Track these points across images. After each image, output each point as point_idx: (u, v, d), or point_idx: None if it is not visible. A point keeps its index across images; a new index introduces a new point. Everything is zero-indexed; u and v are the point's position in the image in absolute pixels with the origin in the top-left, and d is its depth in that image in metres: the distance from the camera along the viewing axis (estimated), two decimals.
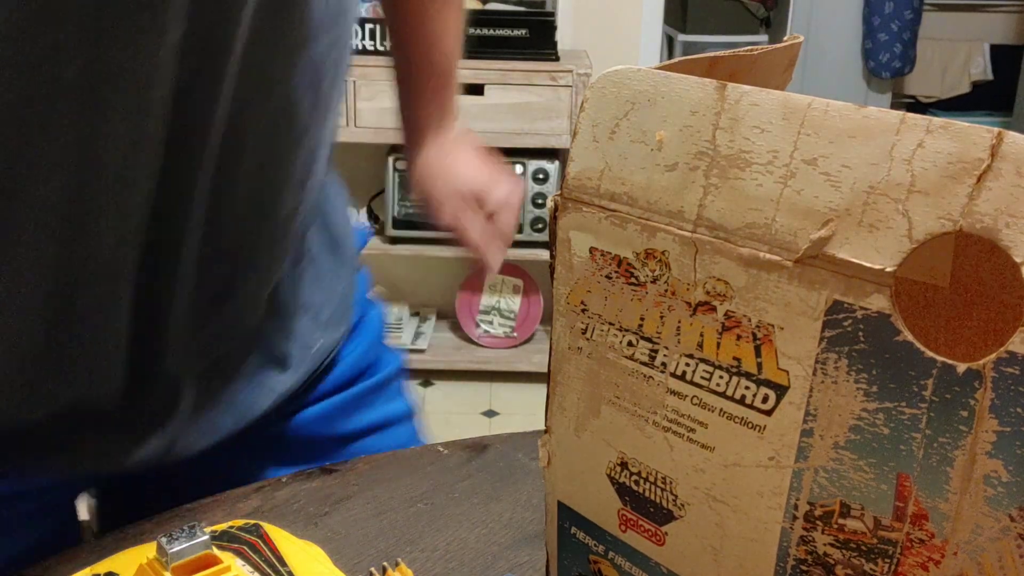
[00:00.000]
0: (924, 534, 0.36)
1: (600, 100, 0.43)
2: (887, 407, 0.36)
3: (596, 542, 0.49)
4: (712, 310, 0.40)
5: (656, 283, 0.42)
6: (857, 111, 0.36)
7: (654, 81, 0.41)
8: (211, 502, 0.71)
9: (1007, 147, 0.32)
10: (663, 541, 0.45)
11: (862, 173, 0.35)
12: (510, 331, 2.72)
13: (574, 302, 0.46)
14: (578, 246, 0.45)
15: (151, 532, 0.67)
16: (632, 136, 0.42)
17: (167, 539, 0.45)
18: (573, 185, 0.44)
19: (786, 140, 0.37)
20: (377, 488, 0.73)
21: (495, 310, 2.75)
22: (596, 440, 0.46)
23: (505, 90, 2.40)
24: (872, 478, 0.37)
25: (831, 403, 0.37)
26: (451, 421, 2.45)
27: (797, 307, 0.37)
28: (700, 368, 0.41)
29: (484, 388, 2.62)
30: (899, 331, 0.35)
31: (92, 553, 0.63)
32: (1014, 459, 0.33)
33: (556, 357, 0.47)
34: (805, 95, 0.37)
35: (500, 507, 0.70)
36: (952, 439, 0.34)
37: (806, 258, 0.37)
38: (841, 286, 0.36)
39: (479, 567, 0.64)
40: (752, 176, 0.38)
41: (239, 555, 0.49)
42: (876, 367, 0.36)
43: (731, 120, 0.39)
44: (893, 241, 0.35)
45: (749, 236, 0.38)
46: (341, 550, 0.65)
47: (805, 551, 0.39)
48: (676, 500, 0.43)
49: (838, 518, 0.38)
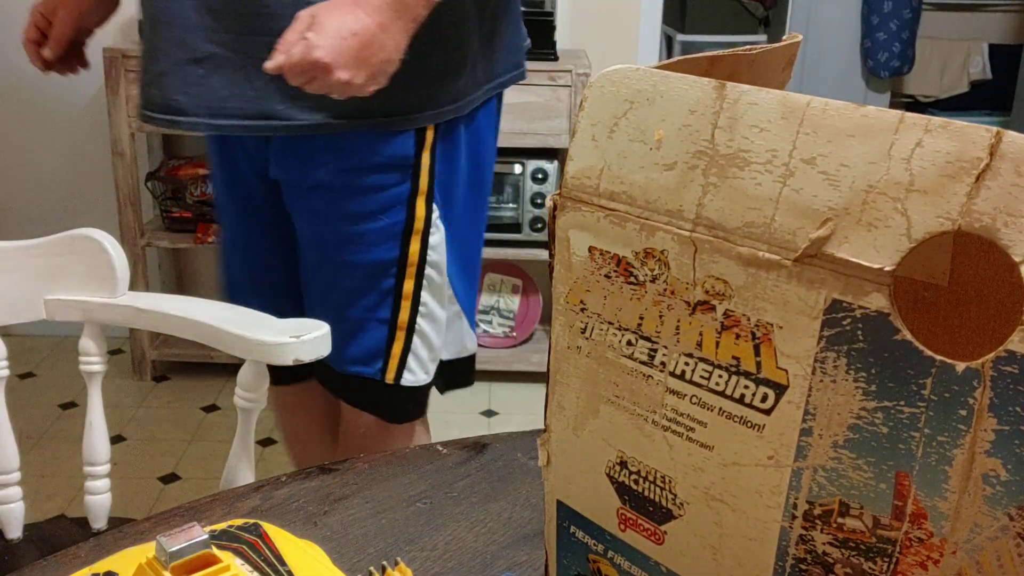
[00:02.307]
0: (923, 533, 0.36)
1: (599, 99, 0.43)
2: (886, 406, 0.36)
3: (595, 541, 0.49)
4: (711, 309, 0.40)
5: (655, 282, 0.42)
6: (856, 110, 0.36)
7: (653, 80, 0.41)
8: (210, 501, 0.71)
9: (1006, 146, 0.32)
10: (662, 540, 0.45)
11: (861, 172, 0.35)
12: (509, 331, 2.72)
13: (573, 301, 0.46)
14: (577, 245, 0.45)
15: (150, 531, 0.67)
16: (631, 135, 0.42)
17: (166, 538, 0.45)
18: (572, 184, 0.44)
19: (785, 139, 0.37)
20: (376, 487, 0.73)
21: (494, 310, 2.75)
22: (595, 439, 0.46)
23: None
24: (871, 477, 0.37)
25: (830, 402, 0.37)
26: (450, 421, 2.45)
27: (796, 306, 0.37)
28: (699, 367, 0.41)
29: (483, 388, 2.62)
30: (898, 330, 0.35)
31: (92, 553, 0.63)
32: (1013, 458, 0.33)
33: (555, 356, 0.47)
34: (804, 94, 0.37)
35: (499, 506, 0.70)
36: (951, 438, 0.34)
37: (805, 257, 0.37)
38: (840, 285, 0.36)
39: (478, 566, 0.64)
40: (751, 175, 0.38)
41: (238, 554, 0.49)
42: (875, 366, 0.36)
43: (730, 119, 0.39)
44: (892, 240, 0.35)
45: (748, 235, 0.38)
46: (340, 549, 0.65)
47: (804, 550, 0.39)
48: (675, 499, 0.43)
49: (837, 517, 0.38)
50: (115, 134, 2.34)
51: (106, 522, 1.06)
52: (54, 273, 1.01)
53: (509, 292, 2.79)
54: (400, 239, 1.13)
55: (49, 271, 1.01)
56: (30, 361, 2.62)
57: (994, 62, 4.59)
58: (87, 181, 2.67)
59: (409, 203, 1.12)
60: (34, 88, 2.59)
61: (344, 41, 0.91)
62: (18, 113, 2.63)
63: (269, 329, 0.92)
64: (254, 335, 0.91)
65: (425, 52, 1.04)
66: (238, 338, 0.92)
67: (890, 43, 4.16)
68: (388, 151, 1.09)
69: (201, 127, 1.07)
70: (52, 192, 2.69)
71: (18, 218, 2.70)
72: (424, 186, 1.12)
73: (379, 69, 0.95)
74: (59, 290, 1.01)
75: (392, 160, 1.10)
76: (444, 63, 1.08)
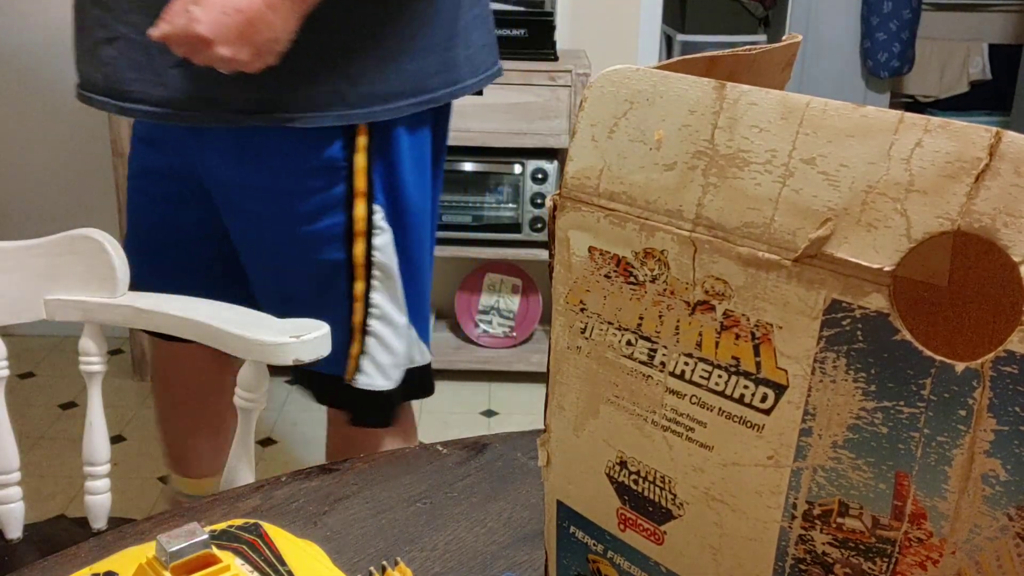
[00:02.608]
0: (922, 533, 0.36)
1: (599, 99, 0.43)
2: (886, 406, 0.36)
3: (595, 541, 0.49)
4: (711, 309, 0.40)
5: (655, 282, 0.42)
6: (855, 110, 0.36)
7: (653, 80, 0.41)
8: (210, 501, 0.71)
9: (1005, 146, 0.32)
10: (662, 540, 0.45)
11: (860, 172, 0.35)
12: (509, 331, 2.72)
13: (573, 301, 0.46)
14: (577, 245, 0.45)
15: (150, 531, 0.67)
16: (631, 135, 0.42)
17: (166, 538, 0.45)
18: (572, 184, 0.44)
19: (785, 139, 0.37)
20: (376, 487, 0.73)
21: (494, 310, 2.75)
22: (595, 439, 0.46)
23: (504, 90, 2.40)
24: (871, 477, 0.37)
25: (830, 402, 0.37)
26: (450, 421, 2.45)
27: (796, 306, 0.37)
28: (699, 367, 0.41)
29: (483, 388, 2.62)
30: (898, 330, 0.35)
31: (92, 553, 0.63)
32: (1012, 458, 0.33)
33: (555, 357, 0.47)
34: (803, 94, 0.37)
35: (499, 506, 0.70)
36: (951, 438, 0.34)
37: (805, 257, 0.37)
38: (840, 285, 0.36)
39: (478, 566, 0.64)
40: (751, 175, 0.38)
41: (238, 554, 0.49)
42: (875, 366, 0.36)
43: (730, 119, 0.39)
44: (891, 240, 0.35)
45: (748, 235, 0.38)
46: (340, 549, 0.65)
47: (804, 550, 0.39)
48: (675, 499, 0.43)
49: (836, 517, 0.38)
50: (115, 134, 2.34)
51: (106, 522, 1.06)
52: (54, 273, 1.01)
53: (509, 292, 2.79)
54: (343, 241, 1.12)
55: (49, 271, 1.01)
56: (30, 361, 2.62)
57: (994, 62, 4.59)
58: (87, 181, 2.67)
59: (347, 205, 1.11)
60: (34, 88, 2.59)
61: (227, 17, 0.91)
62: (18, 113, 2.63)
63: (269, 329, 0.92)
64: (254, 335, 0.91)
65: (329, 47, 1.03)
66: (238, 338, 0.92)
67: (890, 43, 4.16)
68: (313, 154, 1.09)
69: (109, 108, 1.07)
70: (52, 192, 2.69)
71: (18, 218, 2.70)
72: (361, 187, 1.11)
73: (265, 48, 0.95)
74: (59, 290, 1.01)
75: (321, 163, 1.09)
76: (358, 62, 1.06)
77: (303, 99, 1.04)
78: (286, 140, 1.07)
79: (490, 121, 2.44)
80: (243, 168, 1.10)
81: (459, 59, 1.14)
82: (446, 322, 2.88)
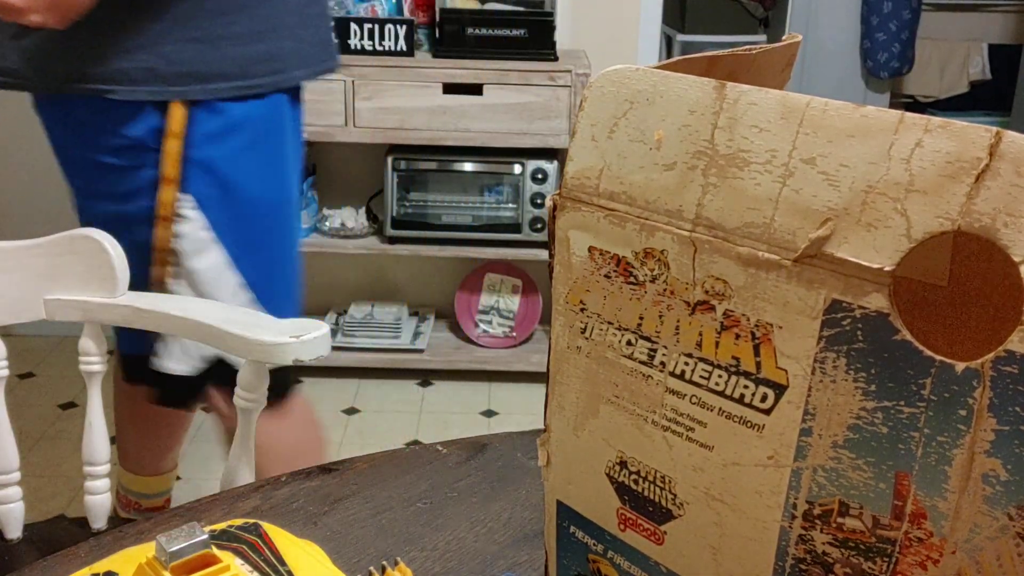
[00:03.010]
0: (923, 533, 0.36)
1: (599, 99, 0.43)
2: (886, 406, 0.36)
3: (595, 541, 0.49)
4: (711, 309, 0.40)
5: (655, 282, 0.42)
6: (855, 110, 0.36)
7: (653, 80, 0.41)
8: (210, 501, 0.71)
9: (1005, 146, 0.32)
10: (662, 540, 0.45)
11: (860, 172, 0.35)
12: (509, 331, 2.72)
13: (573, 301, 0.46)
14: (577, 245, 0.45)
15: (150, 531, 0.67)
16: (631, 135, 0.42)
17: (166, 538, 0.45)
18: (572, 184, 0.44)
19: (785, 139, 0.37)
20: (376, 487, 0.73)
21: (494, 310, 2.75)
22: (595, 439, 0.46)
23: (504, 90, 2.40)
24: (871, 477, 0.37)
25: (830, 402, 0.37)
26: (450, 421, 2.45)
27: (796, 306, 0.37)
28: (699, 367, 0.41)
29: (483, 388, 2.62)
30: (898, 330, 0.35)
31: (91, 553, 0.63)
32: (1013, 458, 0.33)
33: (555, 356, 0.47)
34: (803, 94, 0.37)
35: (499, 506, 0.70)
36: (951, 438, 0.34)
37: (805, 257, 0.37)
38: (840, 285, 0.36)
39: (478, 566, 0.64)
40: (751, 175, 0.38)
41: (238, 554, 0.49)
42: (875, 366, 0.36)
43: (730, 119, 0.39)
44: (892, 240, 0.35)
45: (748, 235, 0.38)
46: (340, 549, 0.65)
47: (804, 550, 0.39)
48: (675, 499, 0.43)
49: (837, 517, 0.38)
50: None
51: (106, 522, 1.06)
52: (54, 273, 1.01)
53: (509, 292, 2.79)
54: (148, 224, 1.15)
55: (49, 271, 1.01)
56: (30, 361, 2.62)
57: (994, 62, 4.59)
58: None
59: (151, 188, 1.14)
60: None
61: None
62: (18, 113, 2.63)
63: (269, 329, 0.92)
64: (254, 335, 0.91)
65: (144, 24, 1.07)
66: (238, 338, 0.92)
67: (890, 44, 4.17)
68: (126, 130, 1.12)
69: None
70: (52, 192, 2.69)
71: (18, 218, 2.70)
72: (171, 173, 1.13)
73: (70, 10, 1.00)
74: (59, 290, 1.01)
75: (131, 141, 1.12)
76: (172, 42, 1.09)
77: (118, 72, 1.09)
78: (103, 113, 1.11)
79: (490, 121, 2.44)
80: (68, 139, 1.16)
81: (285, 51, 1.18)
82: (446, 322, 2.88)
